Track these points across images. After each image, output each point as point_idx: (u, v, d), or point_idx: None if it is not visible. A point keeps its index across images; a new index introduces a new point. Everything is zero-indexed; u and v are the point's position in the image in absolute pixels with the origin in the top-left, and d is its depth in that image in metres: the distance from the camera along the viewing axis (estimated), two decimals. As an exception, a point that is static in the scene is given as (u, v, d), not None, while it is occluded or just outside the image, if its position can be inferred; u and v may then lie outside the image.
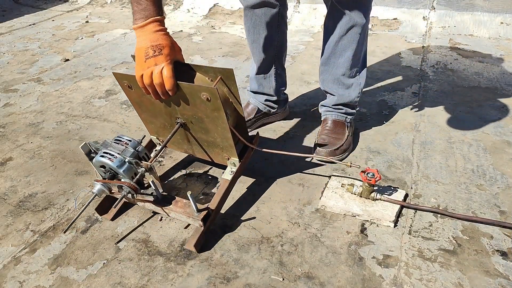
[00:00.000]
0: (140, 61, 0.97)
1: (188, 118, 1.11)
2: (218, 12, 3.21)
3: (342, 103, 1.44)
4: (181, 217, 1.09)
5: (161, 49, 0.95)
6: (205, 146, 1.19)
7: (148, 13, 0.95)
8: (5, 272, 1.01)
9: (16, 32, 2.99)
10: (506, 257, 0.99)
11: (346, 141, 1.40)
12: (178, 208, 1.07)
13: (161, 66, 0.95)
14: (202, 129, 1.12)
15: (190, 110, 1.07)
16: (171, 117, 1.15)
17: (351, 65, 1.36)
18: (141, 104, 1.19)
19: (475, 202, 1.18)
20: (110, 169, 1.05)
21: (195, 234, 1.06)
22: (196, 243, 1.04)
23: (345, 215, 1.15)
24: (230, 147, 1.13)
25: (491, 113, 1.66)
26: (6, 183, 1.34)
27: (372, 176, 1.12)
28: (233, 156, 1.15)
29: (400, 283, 0.94)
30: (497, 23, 2.58)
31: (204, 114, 1.05)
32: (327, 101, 1.48)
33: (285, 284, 0.95)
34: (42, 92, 2.00)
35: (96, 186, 1.06)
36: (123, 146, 1.08)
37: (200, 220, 1.03)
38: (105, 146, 1.09)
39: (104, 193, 1.07)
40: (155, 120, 1.22)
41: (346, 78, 1.39)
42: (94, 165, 1.08)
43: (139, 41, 0.97)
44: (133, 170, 1.05)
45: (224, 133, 1.08)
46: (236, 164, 1.15)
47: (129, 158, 1.05)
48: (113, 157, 1.04)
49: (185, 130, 1.17)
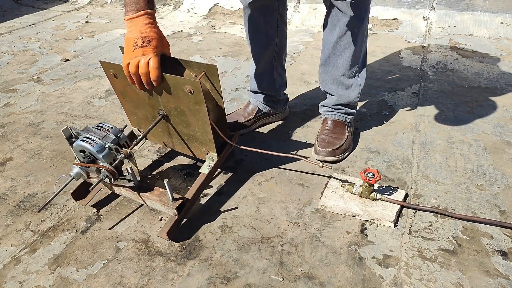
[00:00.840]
0: (128, 50, 0.99)
1: (171, 111, 1.13)
2: (218, 12, 3.21)
3: (342, 103, 1.44)
4: (156, 205, 1.10)
5: (150, 41, 0.97)
6: (186, 140, 1.21)
7: (139, 6, 0.97)
8: (5, 272, 1.01)
9: (16, 32, 2.99)
10: (506, 257, 1.00)
11: (346, 141, 1.40)
12: (154, 196, 1.09)
13: (148, 57, 0.98)
14: (183, 122, 1.14)
15: (173, 102, 1.09)
16: (153, 109, 1.17)
17: (351, 65, 1.35)
18: (125, 94, 1.20)
19: (475, 202, 1.18)
20: (90, 153, 1.07)
21: (169, 222, 1.07)
22: (169, 231, 1.05)
23: (345, 215, 1.15)
24: (210, 142, 1.15)
25: (491, 113, 1.66)
26: (6, 183, 1.34)
27: (372, 176, 1.12)
28: (212, 151, 1.18)
29: (400, 283, 0.94)
30: (497, 23, 2.58)
31: (186, 107, 1.08)
32: (327, 101, 1.48)
33: (285, 284, 0.95)
34: (42, 92, 2.00)
35: (74, 169, 1.07)
36: (104, 132, 1.10)
37: (175, 208, 1.05)
38: (86, 131, 1.10)
39: (82, 177, 1.08)
40: (138, 111, 1.24)
41: (345, 79, 1.39)
42: (74, 149, 1.09)
43: (129, 31, 0.99)
44: (112, 156, 1.07)
45: (204, 127, 1.11)
46: (214, 159, 1.19)
47: (109, 144, 1.06)
48: (93, 142, 1.05)
49: (166, 122, 1.19)
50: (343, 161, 1.39)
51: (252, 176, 1.32)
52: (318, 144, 1.39)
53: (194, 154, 1.26)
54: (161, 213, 1.17)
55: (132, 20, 0.99)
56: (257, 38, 1.41)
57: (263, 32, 1.40)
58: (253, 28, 1.40)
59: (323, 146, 1.38)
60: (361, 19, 1.26)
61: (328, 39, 1.33)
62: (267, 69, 1.50)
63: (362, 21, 1.27)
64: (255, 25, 1.39)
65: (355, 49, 1.31)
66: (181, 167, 1.38)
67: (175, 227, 1.08)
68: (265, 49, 1.44)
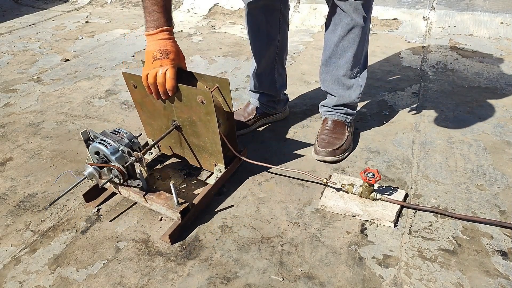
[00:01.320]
0: (148, 62, 1.07)
1: (183, 121, 1.19)
2: (218, 12, 3.21)
3: (342, 104, 1.44)
4: (161, 209, 1.12)
5: (167, 54, 1.05)
6: (195, 151, 1.27)
7: (159, 23, 1.05)
8: (5, 272, 1.01)
9: (16, 32, 2.99)
10: (506, 257, 0.99)
11: (346, 141, 1.40)
12: (160, 199, 1.11)
13: (166, 68, 1.05)
14: (195, 133, 1.20)
15: (186, 112, 1.15)
16: (168, 120, 1.23)
17: (352, 66, 1.35)
18: (143, 104, 1.27)
19: (475, 202, 1.18)
20: (104, 155, 1.11)
21: (172, 226, 1.08)
22: (171, 234, 1.06)
23: (345, 215, 1.15)
24: (218, 153, 1.20)
25: (491, 113, 1.66)
26: (6, 183, 1.34)
27: (372, 176, 1.12)
28: (220, 162, 1.23)
29: (400, 283, 0.94)
30: (497, 23, 2.58)
31: (198, 117, 1.14)
32: (327, 101, 1.48)
33: (285, 284, 0.95)
34: (42, 92, 2.00)
35: (88, 169, 1.12)
36: (119, 137, 1.15)
37: (179, 212, 1.07)
38: (103, 134, 1.16)
39: (94, 178, 1.13)
40: (154, 122, 1.30)
41: (346, 79, 1.38)
42: (90, 151, 1.15)
43: (149, 45, 1.07)
44: (124, 159, 1.12)
45: (214, 138, 1.16)
46: (222, 171, 1.23)
47: (123, 147, 1.11)
48: (108, 144, 1.11)
49: (179, 132, 1.25)
50: (343, 161, 1.39)
51: (252, 176, 1.32)
52: (318, 144, 1.39)
53: (203, 165, 1.30)
54: (161, 213, 1.17)
55: (152, 36, 1.06)
56: (259, 37, 1.41)
57: (264, 31, 1.40)
58: (255, 28, 1.40)
59: (323, 146, 1.37)
60: (363, 19, 1.26)
61: (330, 39, 1.33)
62: (268, 68, 1.49)
63: (364, 22, 1.27)
64: (256, 24, 1.39)
65: (357, 49, 1.31)
66: (181, 167, 1.38)
67: (177, 231, 1.09)
68: (266, 49, 1.44)
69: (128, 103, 1.85)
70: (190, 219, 1.13)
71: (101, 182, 1.16)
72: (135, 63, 2.35)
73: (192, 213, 1.13)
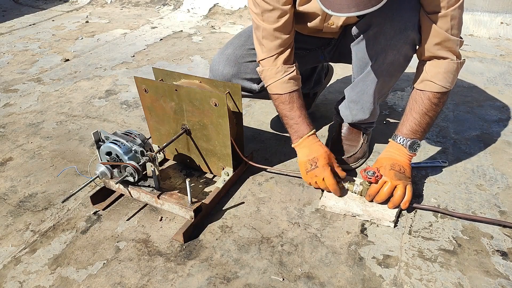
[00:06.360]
0: (303, 173, 1.19)
1: (194, 125, 1.21)
2: (218, 12, 3.21)
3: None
4: (173, 208, 1.13)
5: (315, 162, 1.15)
6: (204, 155, 1.28)
7: (300, 133, 1.19)
8: (5, 272, 1.01)
9: (16, 32, 2.99)
10: (506, 257, 0.99)
11: (360, 149, 1.36)
12: (172, 199, 1.12)
13: (322, 177, 1.14)
14: (204, 136, 1.22)
15: (197, 115, 1.17)
16: (177, 125, 1.25)
17: (380, 96, 1.30)
18: (152, 109, 1.28)
19: (475, 202, 1.18)
20: (116, 155, 1.12)
21: (185, 225, 1.09)
22: (185, 232, 1.06)
23: (345, 215, 1.15)
24: (227, 156, 1.22)
25: (491, 113, 1.66)
26: (6, 183, 1.34)
27: (373, 174, 1.11)
28: (228, 165, 1.24)
29: (400, 283, 0.94)
30: (497, 23, 2.58)
31: (209, 120, 1.16)
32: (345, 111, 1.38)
33: (285, 284, 0.95)
34: (42, 92, 2.00)
35: (100, 168, 1.11)
36: (131, 138, 1.15)
37: (192, 211, 1.07)
38: (115, 135, 1.16)
39: (106, 177, 1.12)
40: (162, 127, 1.31)
41: (370, 105, 1.30)
42: (101, 151, 1.15)
43: (299, 156, 1.21)
44: (137, 159, 1.12)
45: (224, 141, 1.18)
46: (229, 174, 1.23)
47: (136, 147, 1.12)
48: (121, 144, 1.11)
49: (187, 136, 1.26)
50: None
51: (252, 176, 1.32)
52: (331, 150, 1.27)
53: (211, 169, 1.31)
54: (161, 213, 1.17)
55: (298, 147, 1.20)
56: None
57: None
58: None
59: (336, 153, 1.28)
60: (409, 52, 1.15)
61: (366, 67, 1.21)
62: None
63: (410, 55, 1.17)
64: None
65: (390, 81, 1.25)
66: (181, 167, 1.38)
67: (190, 230, 1.09)
68: None
69: (128, 103, 1.85)
70: (201, 219, 1.13)
71: (110, 183, 1.16)
72: (135, 63, 2.35)
73: (204, 213, 1.13)
